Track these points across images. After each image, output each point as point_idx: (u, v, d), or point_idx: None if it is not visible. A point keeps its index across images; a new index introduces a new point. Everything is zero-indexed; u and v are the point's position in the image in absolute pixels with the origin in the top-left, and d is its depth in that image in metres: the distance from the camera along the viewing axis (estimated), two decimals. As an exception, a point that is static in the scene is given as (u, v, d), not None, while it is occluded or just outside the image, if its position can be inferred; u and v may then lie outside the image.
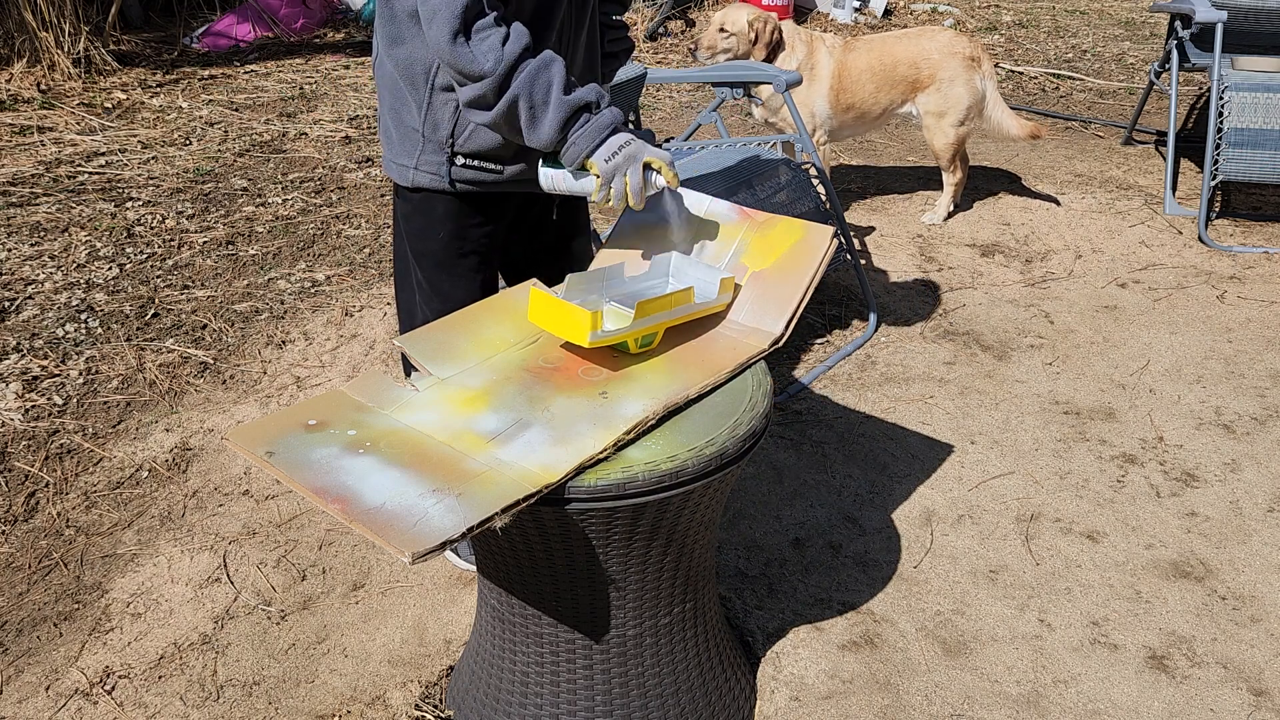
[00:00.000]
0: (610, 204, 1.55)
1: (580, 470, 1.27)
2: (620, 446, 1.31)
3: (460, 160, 1.70)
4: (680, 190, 1.74)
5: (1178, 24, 4.02)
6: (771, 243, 1.61)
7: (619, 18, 1.88)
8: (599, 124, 1.51)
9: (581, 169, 1.55)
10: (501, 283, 1.97)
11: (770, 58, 3.53)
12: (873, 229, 3.74)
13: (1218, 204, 3.90)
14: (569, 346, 1.51)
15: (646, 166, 1.55)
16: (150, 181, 4.06)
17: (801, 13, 6.81)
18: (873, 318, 3.04)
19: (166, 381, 2.77)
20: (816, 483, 2.36)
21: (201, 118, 4.82)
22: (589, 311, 1.38)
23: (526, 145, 1.56)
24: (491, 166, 1.72)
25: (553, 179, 1.59)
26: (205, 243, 3.56)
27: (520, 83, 1.48)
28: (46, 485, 2.37)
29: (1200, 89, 5.22)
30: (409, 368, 1.52)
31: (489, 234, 1.81)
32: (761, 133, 3.89)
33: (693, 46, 3.65)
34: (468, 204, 1.76)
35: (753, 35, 3.50)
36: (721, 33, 3.53)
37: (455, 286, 1.83)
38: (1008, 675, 1.86)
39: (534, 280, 1.67)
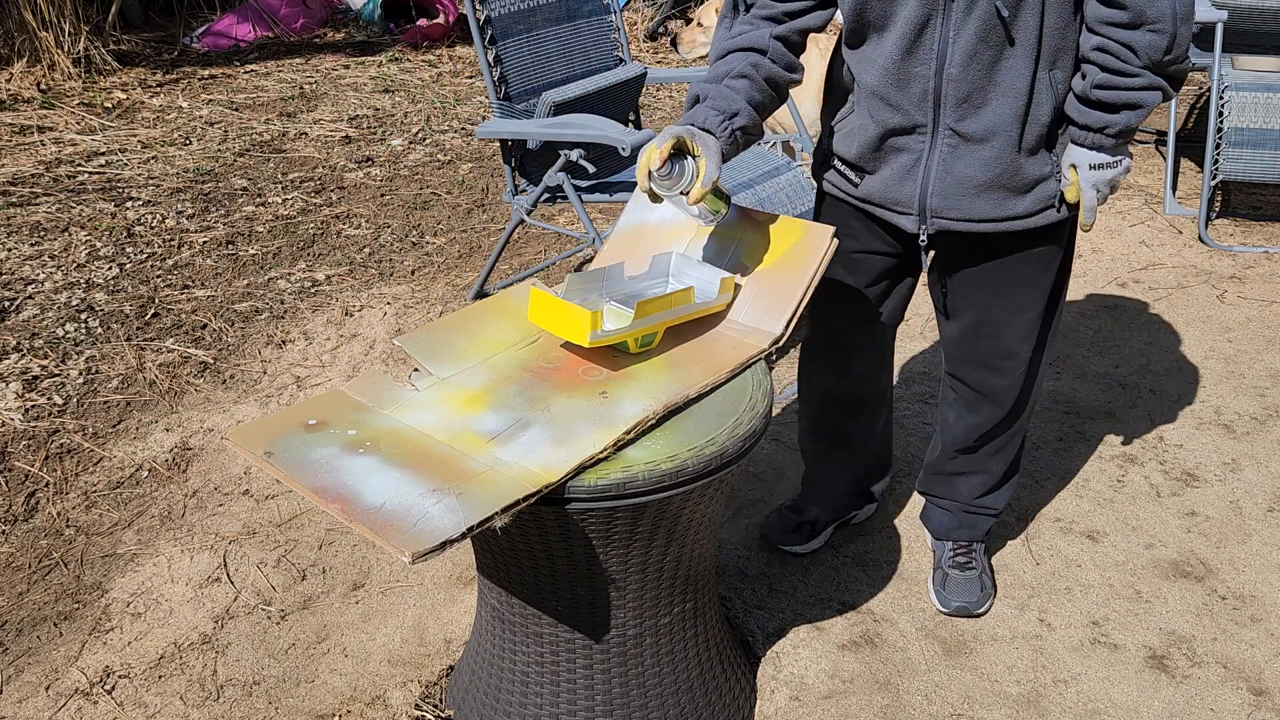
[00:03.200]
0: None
1: (580, 470, 1.27)
2: (620, 446, 1.31)
3: (832, 158, 1.73)
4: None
5: (1178, 24, 4.01)
6: (772, 243, 1.61)
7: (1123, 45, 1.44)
8: (688, 102, 1.59)
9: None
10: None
11: None
12: (873, 229, 3.73)
13: (1218, 204, 3.90)
14: (569, 346, 1.51)
15: (683, 151, 1.49)
16: (150, 181, 4.06)
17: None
18: (873, 317, 3.04)
19: (166, 381, 2.77)
20: (816, 482, 2.36)
21: (201, 117, 4.82)
22: (589, 311, 1.38)
23: None
24: (851, 175, 1.69)
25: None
26: (205, 243, 3.56)
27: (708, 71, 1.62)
28: (46, 485, 2.37)
29: (1200, 89, 5.22)
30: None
31: (852, 250, 1.76)
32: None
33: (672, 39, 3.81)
34: (831, 208, 1.76)
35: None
36: (699, 26, 3.74)
37: (835, 291, 1.82)
38: (1008, 675, 1.86)
39: (533, 280, 1.67)
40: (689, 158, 1.49)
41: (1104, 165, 1.52)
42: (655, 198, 1.53)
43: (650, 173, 1.48)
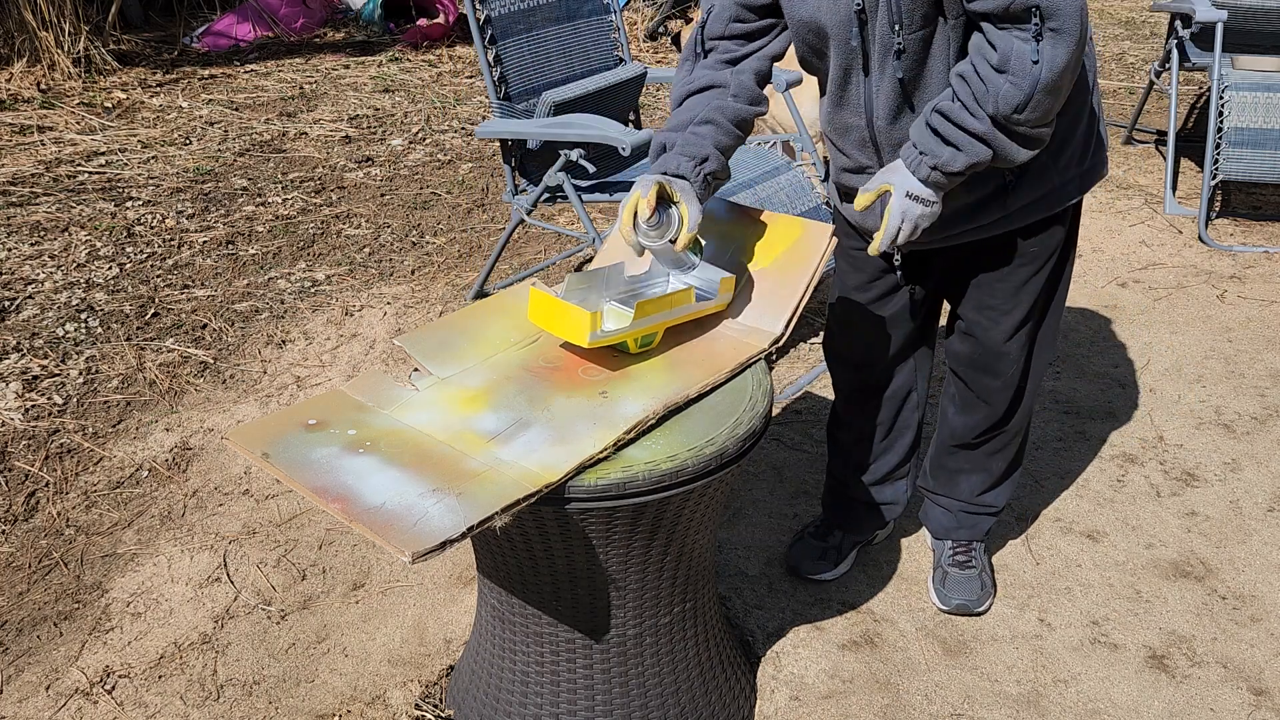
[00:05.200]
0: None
1: (580, 470, 1.27)
2: (620, 446, 1.31)
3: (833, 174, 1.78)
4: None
5: (1178, 23, 4.01)
6: (771, 242, 1.61)
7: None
8: (654, 151, 1.60)
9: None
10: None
11: None
12: (873, 229, 3.73)
13: (1218, 203, 3.90)
14: (569, 346, 1.51)
15: (665, 199, 1.51)
16: (150, 181, 4.06)
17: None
18: (873, 317, 3.03)
19: (166, 381, 2.77)
20: (817, 483, 2.36)
21: (201, 117, 4.82)
22: (589, 312, 1.38)
23: None
24: (841, 195, 1.77)
25: None
26: (205, 242, 3.56)
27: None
28: (46, 485, 2.37)
29: (1200, 89, 5.21)
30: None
31: (851, 248, 1.81)
32: (759, 132, 3.89)
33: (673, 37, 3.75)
34: (838, 214, 1.82)
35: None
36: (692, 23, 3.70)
37: (844, 285, 1.87)
38: (1008, 675, 1.86)
39: (533, 280, 1.67)
40: (672, 205, 1.51)
41: (921, 200, 1.48)
42: (640, 251, 1.54)
43: (636, 224, 1.51)
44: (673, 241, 1.51)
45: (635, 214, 1.50)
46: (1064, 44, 1.33)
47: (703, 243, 1.62)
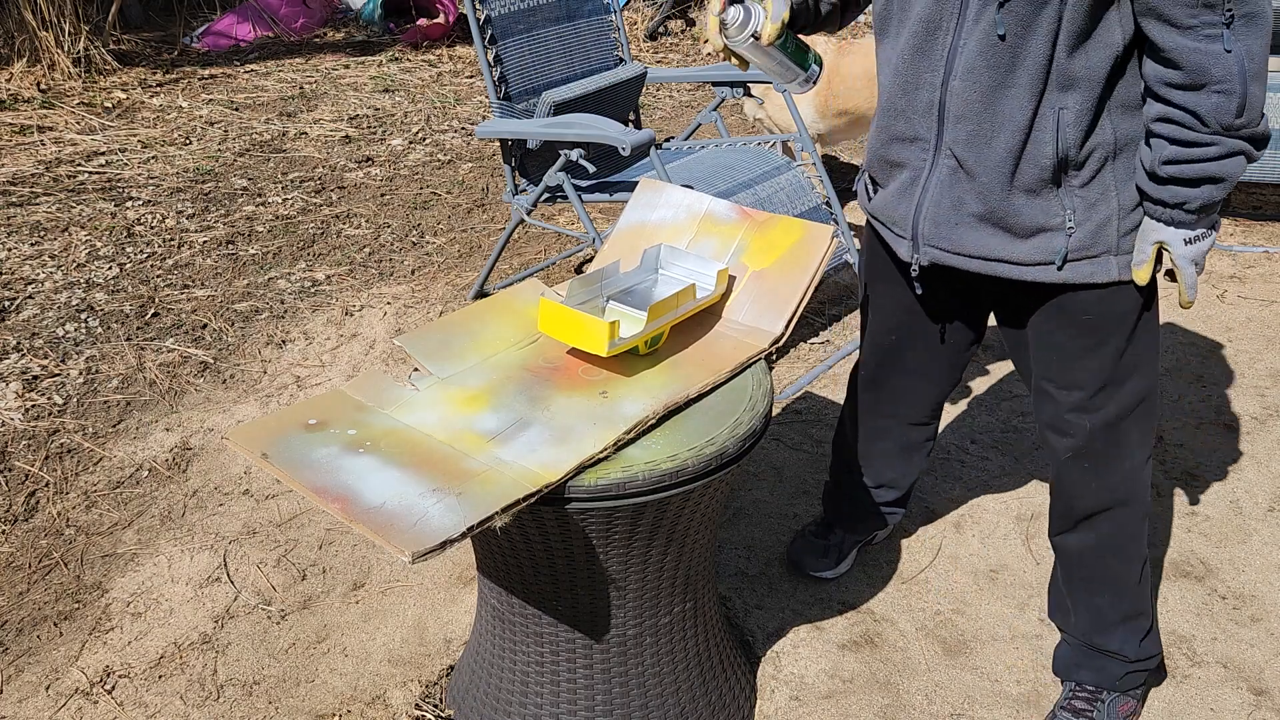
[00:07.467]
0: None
1: (580, 470, 1.27)
2: (620, 446, 1.31)
3: (864, 170, 1.65)
4: (681, 189, 1.74)
5: (1178, 24, 4.01)
6: (771, 242, 1.61)
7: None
8: None
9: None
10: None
11: None
12: (873, 229, 3.73)
13: (1218, 204, 3.90)
14: (575, 349, 1.51)
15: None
16: (150, 181, 4.06)
17: (801, 12, 6.80)
18: (873, 317, 3.03)
19: (166, 381, 2.77)
20: (817, 483, 2.36)
21: (201, 117, 4.82)
22: (605, 321, 1.38)
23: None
24: (869, 187, 1.62)
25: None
26: (205, 242, 3.56)
27: None
28: (46, 485, 2.37)
29: (1200, 89, 5.22)
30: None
31: (876, 266, 1.72)
32: (759, 132, 3.89)
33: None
34: (869, 227, 1.72)
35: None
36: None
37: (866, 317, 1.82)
38: (1008, 675, 1.86)
39: (533, 280, 1.67)
40: (754, 3, 1.42)
41: (1196, 239, 1.35)
42: (729, 55, 1.46)
43: (721, 26, 1.41)
44: (756, 37, 1.41)
45: (721, 22, 1.42)
46: (1257, 28, 1.22)
47: (821, 61, 1.53)
